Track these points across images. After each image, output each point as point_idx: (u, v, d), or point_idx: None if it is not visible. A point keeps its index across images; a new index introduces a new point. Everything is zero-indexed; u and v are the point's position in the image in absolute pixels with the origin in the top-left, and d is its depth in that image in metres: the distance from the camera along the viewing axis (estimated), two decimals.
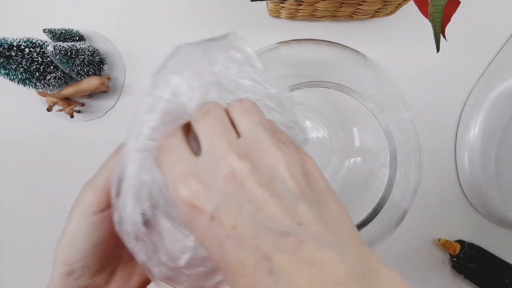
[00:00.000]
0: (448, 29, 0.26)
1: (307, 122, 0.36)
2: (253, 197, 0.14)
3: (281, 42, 0.32)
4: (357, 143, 0.35)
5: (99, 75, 0.41)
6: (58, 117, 0.42)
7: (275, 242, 0.13)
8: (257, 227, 0.13)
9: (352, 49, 0.31)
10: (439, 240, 0.42)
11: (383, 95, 0.31)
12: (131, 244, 0.17)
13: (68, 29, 0.39)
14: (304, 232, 0.13)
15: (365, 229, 0.29)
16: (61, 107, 0.40)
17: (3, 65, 0.33)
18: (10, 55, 0.33)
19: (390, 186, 0.30)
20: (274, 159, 0.15)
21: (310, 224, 0.14)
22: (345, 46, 0.31)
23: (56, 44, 0.34)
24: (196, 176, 0.15)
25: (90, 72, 0.39)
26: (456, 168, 0.43)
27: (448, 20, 0.25)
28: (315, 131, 0.36)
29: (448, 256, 0.43)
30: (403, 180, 0.30)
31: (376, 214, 0.30)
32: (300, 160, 0.16)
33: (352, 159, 0.35)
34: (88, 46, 0.38)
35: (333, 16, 0.39)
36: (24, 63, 0.34)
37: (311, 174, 0.16)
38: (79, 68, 0.37)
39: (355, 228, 0.15)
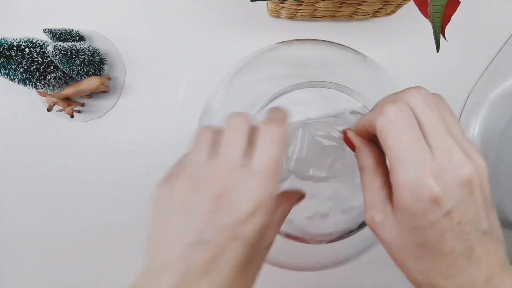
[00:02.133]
0: (448, 29, 0.26)
1: None
2: (476, 202, 0.18)
3: (281, 42, 0.32)
4: None
5: (99, 75, 0.41)
6: (58, 117, 0.42)
7: (479, 238, 0.18)
8: (472, 226, 0.18)
9: (352, 49, 0.31)
10: None
11: (383, 95, 0.31)
12: None
13: (68, 29, 0.39)
14: (494, 232, 0.18)
15: (365, 229, 0.29)
16: (61, 107, 0.40)
17: (3, 65, 0.33)
18: (10, 55, 0.33)
19: None
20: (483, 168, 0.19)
21: (496, 227, 0.19)
22: (345, 46, 0.31)
23: (56, 44, 0.34)
24: (440, 174, 0.17)
25: (90, 72, 0.39)
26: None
27: (448, 20, 0.25)
28: None
29: None
30: None
31: None
32: None
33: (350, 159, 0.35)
34: (88, 46, 0.38)
35: (333, 16, 0.39)
36: (24, 63, 0.34)
37: None
38: (79, 68, 0.37)
39: None
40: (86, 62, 0.38)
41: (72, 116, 0.40)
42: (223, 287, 0.17)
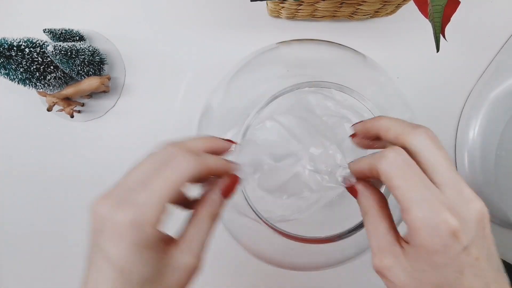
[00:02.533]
0: (448, 29, 0.26)
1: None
2: (488, 239, 0.18)
3: (281, 42, 0.32)
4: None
5: (99, 75, 0.41)
6: (58, 117, 0.42)
7: (494, 275, 0.18)
8: (488, 262, 0.18)
9: (352, 49, 0.31)
10: None
11: (383, 95, 0.31)
12: None
13: (68, 29, 0.39)
14: (501, 270, 0.19)
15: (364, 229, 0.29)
16: (61, 107, 0.40)
17: (3, 65, 0.33)
18: (10, 55, 0.33)
19: None
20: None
21: (501, 264, 0.19)
22: (345, 46, 0.31)
23: (56, 44, 0.34)
24: (454, 209, 0.18)
25: (90, 72, 0.39)
26: (456, 168, 0.43)
27: (448, 20, 0.25)
28: None
29: None
30: None
31: None
32: None
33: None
34: (88, 46, 0.38)
35: (333, 16, 0.39)
36: (24, 63, 0.34)
37: None
38: (79, 68, 0.37)
39: None
40: (86, 62, 0.38)
41: (72, 116, 0.40)
42: None
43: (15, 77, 0.35)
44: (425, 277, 0.18)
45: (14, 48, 0.33)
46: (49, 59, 0.36)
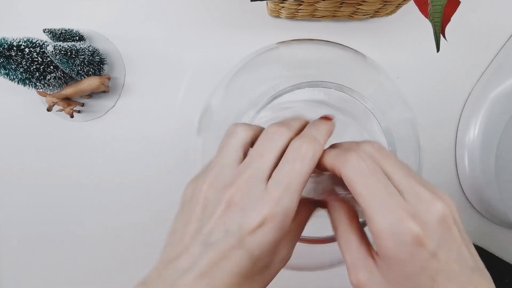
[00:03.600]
0: (448, 29, 0.26)
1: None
2: (455, 240, 0.18)
3: (281, 42, 0.32)
4: None
5: (99, 75, 0.41)
6: (58, 117, 0.42)
7: (469, 277, 0.17)
8: (460, 264, 0.17)
9: (352, 49, 0.31)
10: None
11: (383, 95, 0.31)
12: None
13: (68, 29, 0.39)
14: (481, 270, 0.18)
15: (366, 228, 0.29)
16: (61, 107, 0.40)
17: (3, 65, 0.33)
18: (10, 55, 0.33)
19: None
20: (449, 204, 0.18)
21: (481, 264, 0.18)
22: (344, 46, 0.31)
23: (56, 44, 0.34)
24: (416, 215, 0.17)
25: (90, 72, 0.39)
26: (456, 168, 0.43)
27: (448, 20, 0.25)
28: None
29: None
30: None
31: None
32: None
33: None
34: (88, 46, 0.38)
35: (333, 16, 0.39)
36: (24, 63, 0.34)
37: None
38: (79, 68, 0.37)
39: None
40: (86, 62, 0.38)
41: (72, 116, 0.40)
42: None
43: (15, 77, 0.35)
44: None
45: (14, 48, 0.33)
46: (49, 59, 0.36)
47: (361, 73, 0.32)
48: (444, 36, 0.26)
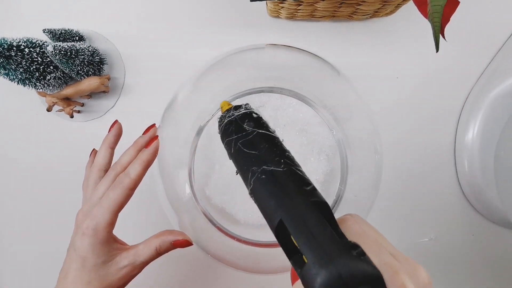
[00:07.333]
0: (447, 29, 0.26)
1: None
2: None
3: (271, 44, 0.33)
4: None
5: (99, 75, 0.41)
6: (58, 117, 0.42)
7: None
8: None
9: (329, 63, 0.32)
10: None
11: (349, 114, 0.32)
12: None
13: (68, 29, 0.39)
14: None
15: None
16: (61, 107, 0.40)
17: (3, 65, 0.33)
18: (10, 55, 0.33)
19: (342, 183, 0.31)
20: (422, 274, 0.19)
21: None
22: (324, 60, 0.32)
23: (56, 44, 0.34)
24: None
25: (90, 72, 0.39)
26: (456, 168, 0.43)
27: (448, 20, 0.25)
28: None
29: (448, 256, 0.43)
30: (358, 184, 0.31)
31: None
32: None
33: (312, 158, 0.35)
34: (88, 46, 0.38)
35: (333, 16, 0.39)
36: (24, 63, 0.34)
37: None
38: (79, 68, 0.37)
39: None
40: (86, 62, 0.38)
41: (72, 116, 0.40)
42: None
43: (15, 77, 0.35)
44: None
45: (14, 48, 0.33)
46: (48, 59, 0.36)
47: (331, 86, 0.33)
48: (443, 36, 0.26)
